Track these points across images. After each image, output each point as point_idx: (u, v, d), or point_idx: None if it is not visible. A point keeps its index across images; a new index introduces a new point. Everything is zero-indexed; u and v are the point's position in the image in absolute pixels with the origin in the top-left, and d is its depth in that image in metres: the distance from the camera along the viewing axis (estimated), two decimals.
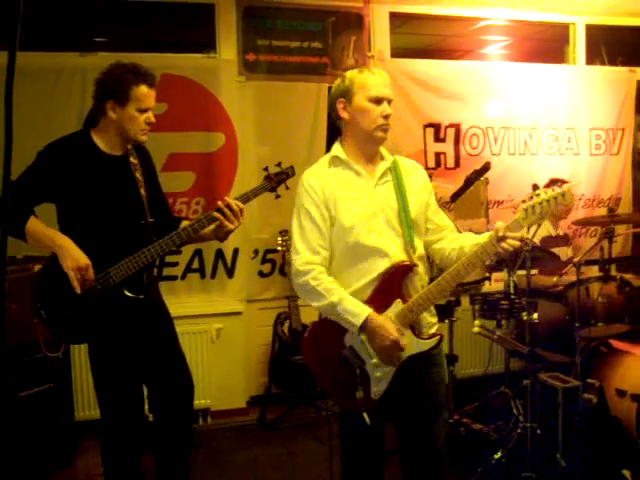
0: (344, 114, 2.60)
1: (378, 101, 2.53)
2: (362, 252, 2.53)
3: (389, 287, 2.52)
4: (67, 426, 4.09)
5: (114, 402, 3.06)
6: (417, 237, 2.59)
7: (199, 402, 4.71)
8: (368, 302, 2.51)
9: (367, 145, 2.61)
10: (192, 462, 3.37)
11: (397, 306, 2.51)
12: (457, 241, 2.62)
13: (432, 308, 2.65)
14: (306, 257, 2.55)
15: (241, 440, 4.62)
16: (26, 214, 2.83)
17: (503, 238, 2.38)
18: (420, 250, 2.60)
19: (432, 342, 2.56)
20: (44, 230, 2.86)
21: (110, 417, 3.08)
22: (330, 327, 2.57)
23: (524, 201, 2.39)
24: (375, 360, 2.53)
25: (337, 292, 2.50)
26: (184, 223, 3.18)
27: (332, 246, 2.57)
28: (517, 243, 2.39)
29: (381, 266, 2.52)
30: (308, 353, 2.70)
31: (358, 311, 2.47)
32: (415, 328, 2.54)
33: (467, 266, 2.45)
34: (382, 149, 2.66)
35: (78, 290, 2.81)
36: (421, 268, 2.59)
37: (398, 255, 2.53)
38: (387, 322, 2.48)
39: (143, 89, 2.91)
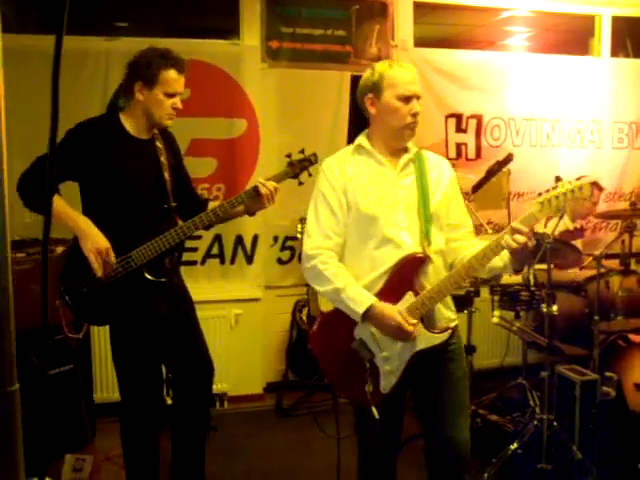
0: (372, 110, 2.59)
1: (407, 99, 2.50)
2: (376, 241, 2.51)
3: (401, 279, 2.48)
4: (87, 407, 4.13)
5: (134, 384, 3.10)
6: (437, 231, 2.55)
7: (216, 387, 4.69)
8: (380, 294, 2.48)
9: (394, 141, 2.59)
10: (207, 446, 3.40)
11: (409, 299, 2.46)
12: (476, 248, 2.50)
13: (450, 303, 2.63)
14: (317, 241, 2.55)
15: (257, 426, 4.65)
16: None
17: (516, 232, 2.30)
18: (438, 245, 2.55)
19: (443, 336, 2.51)
20: (67, 210, 2.89)
21: (130, 398, 3.12)
22: (340, 319, 2.55)
23: (540, 194, 2.33)
24: (385, 353, 2.50)
25: (343, 278, 2.49)
26: (212, 204, 3.23)
27: (347, 233, 2.56)
28: (522, 239, 2.28)
29: (395, 257, 2.48)
30: (316, 344, 2.68)
31: (361, 299, 2.45)
32: (426, 321, 2.49)
33: (481, 259, 2.39)
34: (410, 144, 2.63)
35: (98, 273, 2.85)
36: (438, 262, 2.55)
37: (413, 247, 2.49)
38: (390, 309, 2.43)
39: (172, 74, 2.94)
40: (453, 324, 2.58)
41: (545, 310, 3.77)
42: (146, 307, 3.02)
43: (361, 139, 2.65)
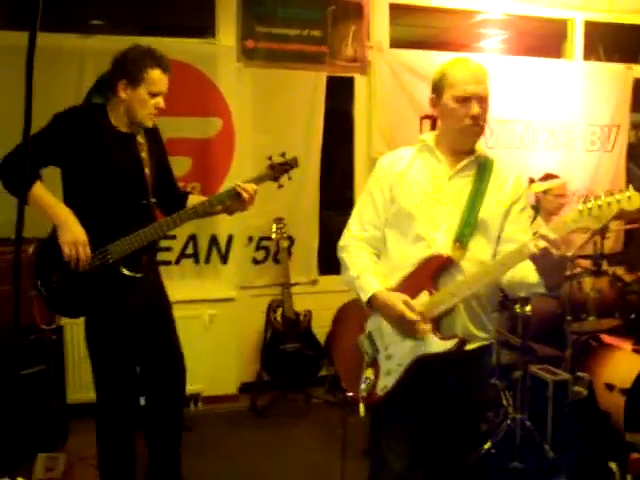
0: (434, 110, 2.49)
1: (464, 100, 2.37)
2: (411, 238, 2.43)
3: (420, 277, 2.39)
4: (59, 408, 4.09)
5: (110, 380, 3.08)
6: (482, 240, 2.41)
7: (190, 387, 4.66)
8: (397, 289, 2.42)
9: (455, 143, 2.47)
10: (182, 447, 3.39)
11: (423, 297, 2.37)
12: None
13: (485, 320, 2.46)
14: (351, 233, 2.55)
15: (231, 426, 4.63)
16: (33, 176, 2.84)
17: (542, 239, 2.12)
18: (478, 254, 2.39)
19: (448, 344, 2.32)
20: (49, 199, 2.87)
21: (106, 396, 3.11)
22: (358, 309, 2.52)
23: (584, 202, 2.10)
24: (389, 351, 2.44)
25: (360, 267, 2.47)
26: (192, 198, 3.24)
27: (388, 224, 2.50)
28: (542, 244, 2.10)
29: (424, 256, 2.40)
30: (334, 328, 2.68)
31: (367, 288, 2.42)
32: (438, 326, 2.36)
33: (501, 266, 2.28)
34: (478, 147, 2.51)
35: (72, 265, 2.84)
36: (470, 269, 2.36)
37: (444, 249, 2.37)
38: (393, 296, 2.36)
39: (157, 73, 2.94)
40: (476, 344, 2.43)
41: (518, 311, 3.81)
42: (121, 301, 3.00)
43: (426, 135, 2.57)
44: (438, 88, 2.45)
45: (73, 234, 2.82)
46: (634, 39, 6.13)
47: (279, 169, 3.23)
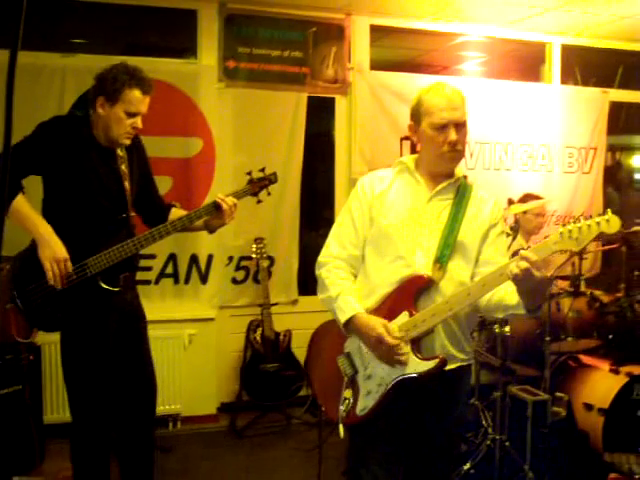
0: (414, 137, 2.52)
1: (442, 127, 2.38)
2: (391, 257, 2.42)
3: (400, 297, 2.39)
4: (36, 428, 4.05)
5: (85, 400, 3.03)
6: (461, 261, 2.42)
7: (169, 407, 4.70)
8: (378, 309, 2.42)
9: (433, 167, 2.49)
10: (161, 467, 3.36)
11: (402, 318, 2.36)
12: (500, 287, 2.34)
13: (464, 342, 2.46)
14: (330, 251, 2.54)
15: (210, 447, 4.60)
16: (16, 186, 2.81)
17: (523, 260, 2.13)
18: (457, 275, 2.40)
19: (429, 365, 2.31)
20: (30, 213, 2.84)
21: (81, 416, 3.05)
22: (334, 329, 2.52)
23: (564, 225, 2.15)
24: (368, 371, 2.43)
25: (339, 287, 2.46)
26: (175, 212, 3.27)
27: (367, 246, 2.50)
28: (524, 264, 2.11)
29: (403, 275, 2.40)
30: (311, 349, 2.66)
31: (347, 309, 2.41)
32: (419, 346, 2.36)
33: (482, 286, 2.28)
34: (457, 170, 2.53)
35: (51, 282, 2.81)
36: (448, 290, 2.37)
37: (424, 270, 2.38)
38: (374, 319, 2.36)
39: (136, 93, 2.92)
40: (455, 364, 2.42)
41: (498, 331, 3.82)
42: (97, 317, 2.97)
43: (406, 157, 2.58)
44: (415, 115, 2.47)
45: (53, 250, 2.80)
46: (610, 63, 6.23)
47: (258, 184, 3.24)
